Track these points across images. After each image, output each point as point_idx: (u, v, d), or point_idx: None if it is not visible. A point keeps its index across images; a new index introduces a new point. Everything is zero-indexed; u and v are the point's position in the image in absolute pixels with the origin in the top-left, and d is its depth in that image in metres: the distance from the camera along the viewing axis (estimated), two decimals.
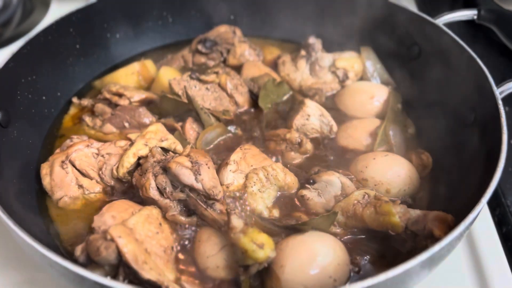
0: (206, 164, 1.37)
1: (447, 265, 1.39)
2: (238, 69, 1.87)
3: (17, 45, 1.56)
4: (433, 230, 1.20)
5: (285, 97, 1.74)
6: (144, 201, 1.38)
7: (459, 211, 1.22)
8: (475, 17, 1.69)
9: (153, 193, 1.34)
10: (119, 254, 1.16)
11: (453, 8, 1.75)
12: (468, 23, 1.75)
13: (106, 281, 0.90)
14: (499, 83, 1.44)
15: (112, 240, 1.16)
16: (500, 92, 1.39)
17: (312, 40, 1.86)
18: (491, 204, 1.68)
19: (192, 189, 1.33)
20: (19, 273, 1.40)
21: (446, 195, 1.46)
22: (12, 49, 1.53)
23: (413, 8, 2.25)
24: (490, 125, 1.36)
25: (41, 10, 2.54)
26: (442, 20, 1.69)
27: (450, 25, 1.69)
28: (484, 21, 1.68)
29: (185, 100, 1.61)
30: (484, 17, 1.67)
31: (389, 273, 0.93)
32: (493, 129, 1.32)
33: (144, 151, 1.46)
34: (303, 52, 1.86)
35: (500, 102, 1.34)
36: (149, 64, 1.86)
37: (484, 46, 1.94)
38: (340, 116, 1.71)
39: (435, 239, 1.19)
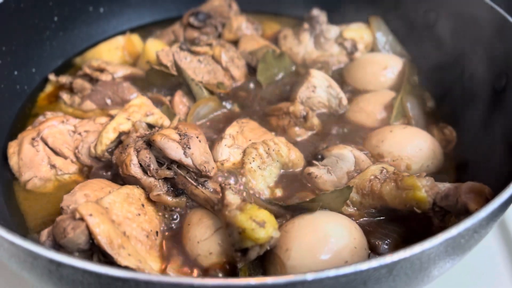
0: (197, 137, 1.18)
1: (478, 255, 1.22)
2: (234, 44, 1.69)
3: None
4: (468, 203, 1.01)
5: (286, 71, 1.56)
6: (125, 181, 1.18)
7: (496, 186, 1.03)
8: None
9: (135, 170, 1.15)
10: (90, 236, 0.96)
11: None
12: None
13: (62, 258, 0.70)
14: None
15: (82, 219, 0.96)
16: None
17: (316, 12, 1.69)
18: None
19: (180, 165, 1.15)
20: None
21: (474, 172, 1.28)
22: None
23: None
24: None
25: None
26: None
27: None
28: None
29: (174, 72, 1.42)
30: None
31: (420, 247, 0.73)
32: None
33: (126, 126, 1.29)
34: (306, 25, 1.70)
35: None
36: (135, 38, 1.70)
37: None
38: (350, 91, 1.53)
39: (470, 215, 0.99)
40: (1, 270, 1.24)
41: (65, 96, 1.49)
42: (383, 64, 1.53)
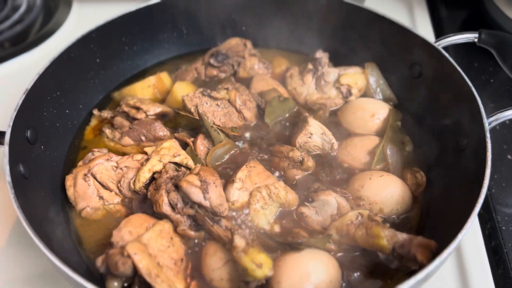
0: (214, 183, 1.50)
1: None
2: (247, 81, 1.97)
3: (42, 64, 1.66)
4: (417, 255, 1.31)
5: (290, 113, 1.85)
6: (157, 214, 1.52)
7: (448, 232, 1.31)
8: (476, 40, 1.74)
9: (166, 209, 1.48)
10: (135, 268, 1.32)
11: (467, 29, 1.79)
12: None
13: None
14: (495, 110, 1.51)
15: (129, 256, 1.32)
16: (489, 122, 1.47)
17: (319, 54, 1.94)
18: (483, 218, 1.78)
19: (200, 206, 1.46)
20: None
21: (437, 214, 1.56)
22: (37, 69, 1.64)
23: (429, 28, 2.32)
24: (479, 154, 1.44)
25: (63, 11, 2.63)
26: (444, 42, 1.75)
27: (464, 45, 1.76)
28: (484, 44, 1.73)
29: (197, 117, 1.73)
30: (484, 40, 1.72)
31: None
32: (481, 159, 1.41)
33: (158, 167, 1.60)
34: (310, 66, 1.95)
35: (488, 135, 1.42)
36: (164, 77, 1.97)
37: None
38: (342, 132, 1.81)
39: (417, 263, 1.31)
40: None
41: (107, 131, 1.80)
42: (371, 112, 1.79)
